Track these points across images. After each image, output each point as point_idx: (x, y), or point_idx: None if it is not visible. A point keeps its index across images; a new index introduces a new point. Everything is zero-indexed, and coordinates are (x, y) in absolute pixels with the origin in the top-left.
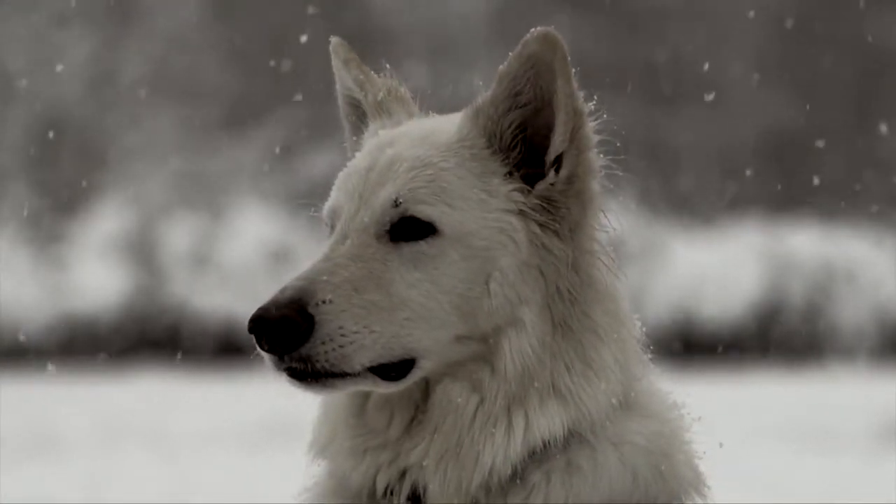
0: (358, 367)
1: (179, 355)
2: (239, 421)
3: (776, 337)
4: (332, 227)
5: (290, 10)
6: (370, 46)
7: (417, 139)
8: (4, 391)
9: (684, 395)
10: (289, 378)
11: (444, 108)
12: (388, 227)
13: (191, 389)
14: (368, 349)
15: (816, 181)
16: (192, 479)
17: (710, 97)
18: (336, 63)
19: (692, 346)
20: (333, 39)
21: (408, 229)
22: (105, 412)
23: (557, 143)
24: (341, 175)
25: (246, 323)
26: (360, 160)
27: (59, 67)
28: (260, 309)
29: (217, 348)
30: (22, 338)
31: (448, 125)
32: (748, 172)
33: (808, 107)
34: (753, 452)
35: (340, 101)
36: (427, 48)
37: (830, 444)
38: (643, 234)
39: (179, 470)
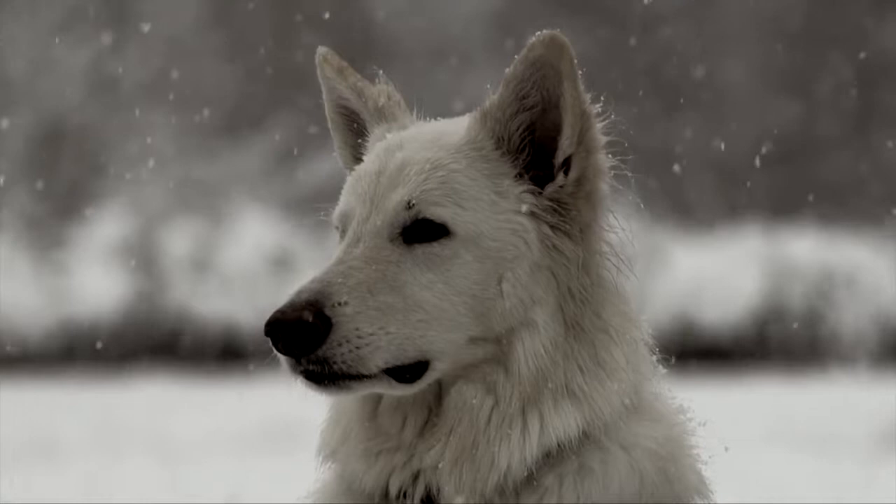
0: (374, 369)
1: (180, 361)
2: (240, 426)
3: (776, 342)
4: (344, 231)
5: (289, 14)
6: (369, 51)
7: (427, 142)
8: (5, 396)
9: (688, 400)
10: (305, 381)
11: (443, 113)
12: (401, 230)
13: (191, 394)
14: (384, 350)
15: (817, 186)
16: (193, 484)
17: (710, 102)
18: (328, 72)
19: (692, 350)
20: (321, 49)
21: (421, 231)
22: (105, 417)
23: (566, 146)
24: (351, 179)
25: (262, 326)
26: (369, 164)
27: (60, 73)
28: (276, 312)
29: (218, 353)
30: (22, 342)
31: (455, 128)
32: (748, 177)
33: (808, 112)
34: (753, 456)
35: (330, 111)
36: (426, 53)
37: (830, 449)
38: (644, 238)
39: (180, 475)
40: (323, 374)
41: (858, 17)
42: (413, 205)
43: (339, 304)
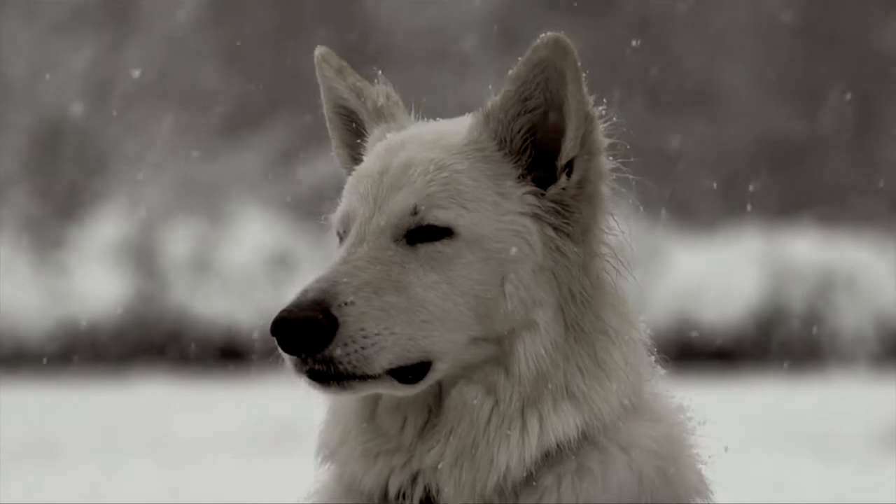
0: (378, 370)
1: (180, 361)
2: (239, 426)
3: (776, 342)
4: (346, 232)
5: (290, 15)
6: (368, 53)
7: (429, 142)
8: (5, 396)
9: (687, 400)
10: (309, 380)
11: (442, 116)
12: (405, 232)
13: (191, 395)
14: (388, 351)
15: (816, 187)
16: (193, 485)
17: (710, 104)
18: (327, 72)
19: (692, 351)
20: (320, 49)
21: (425, 233)
22: (105, 418)
23: (568, 148)
24: (352, 179)
25: (264, 326)
26: (370, 164)
27: (60, 73)
28: (283, 311)
29: (218, 354)
30: (22, 343)
31: (456, 128)
32: (748, 178)
33: (808, 113)
34: (752, 457)
35: (329, 112)
36: (425, 56)
37: (830, 450)
38: (644, 239)
39: (180, 475)
40: (328, 374)
41: (859, 19)
42: (419, 210)
43: (346, 303)
